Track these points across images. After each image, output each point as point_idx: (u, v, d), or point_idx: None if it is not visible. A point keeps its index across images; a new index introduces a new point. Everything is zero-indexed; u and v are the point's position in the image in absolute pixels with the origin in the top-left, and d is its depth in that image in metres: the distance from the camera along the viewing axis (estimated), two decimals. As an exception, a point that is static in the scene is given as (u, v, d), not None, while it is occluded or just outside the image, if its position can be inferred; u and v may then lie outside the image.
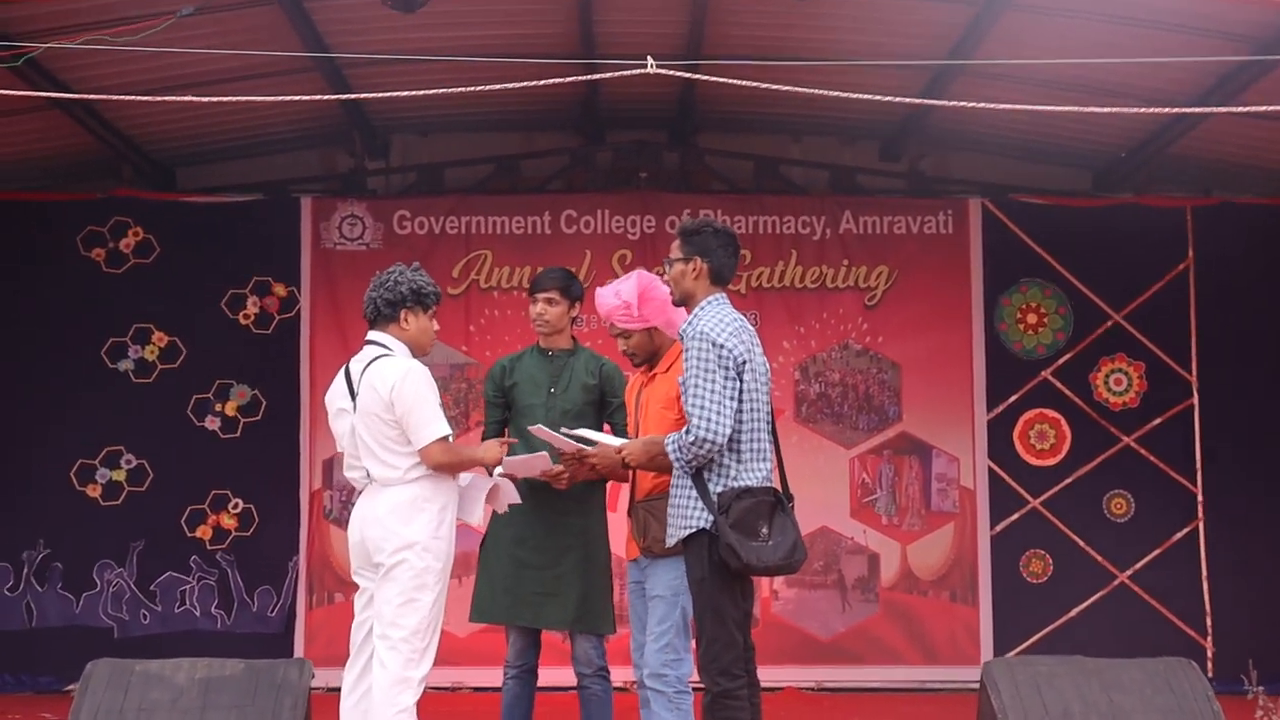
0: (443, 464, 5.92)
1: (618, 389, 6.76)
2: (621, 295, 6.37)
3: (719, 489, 5.64)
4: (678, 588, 6.02)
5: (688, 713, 6.03)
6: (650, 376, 6.39)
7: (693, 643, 6.12)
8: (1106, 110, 8.53)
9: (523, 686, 6.71)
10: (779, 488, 5.79)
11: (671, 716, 5.99)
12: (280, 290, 11.17)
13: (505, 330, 10.96)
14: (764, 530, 5.59)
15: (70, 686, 9.98)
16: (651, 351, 6.43)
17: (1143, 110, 8.72)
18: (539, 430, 6.30)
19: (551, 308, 6.76)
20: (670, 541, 5.82)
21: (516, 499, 6.39)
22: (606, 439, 6.24)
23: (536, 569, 6.58)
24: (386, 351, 6.04)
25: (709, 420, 5.57)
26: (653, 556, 6.15)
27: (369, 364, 5.99)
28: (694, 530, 5.66)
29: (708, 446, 5.59)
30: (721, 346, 5.65)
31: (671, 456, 5.70)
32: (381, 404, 5.88)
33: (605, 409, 6.77)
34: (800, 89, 8.00)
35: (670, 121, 11.41)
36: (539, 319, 6.78)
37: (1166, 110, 8.92)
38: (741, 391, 5.68)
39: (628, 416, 6.54)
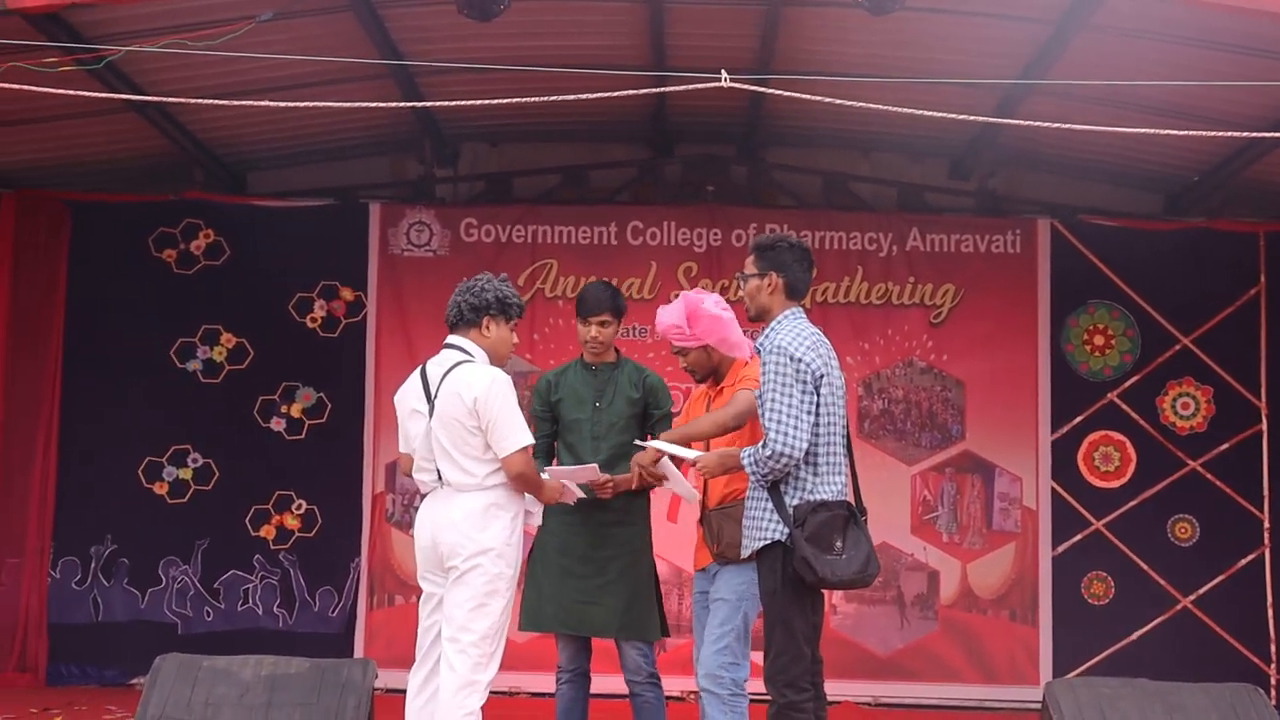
0: (523, 473, 5.96)
1: (661, 401, 6.83)
2: (671, 317, 6.45)
3: (795, 502, 5.66)
4: (743, 593, 6.06)
5: (743, 715, 6.03)
6: (718, 390, 6.43)
7: (751, 651, 6.16)
8: (1179, 133, 8.47)
9: (577, 691, 6.77)
10: (852, 501, 5.82)
11: (726, 719, 6.01)
12: (347, 294, 11.28)
13: (569, 339, 11.01)
14: (838, 544, 5.61)
15: (135, 680, 10.18)
16: (710, 368, 6.47)
17: (1216, 134, 8.69)
18: (651, 443, 6.38)
19: (605, 329, 6.82)
20: (745, 553, 5.85)
21: (581, 494, 6.45)
22: (686, 452, 6.23)
23: (581, 578, 6.66)
24: (467, 357, 6.08)
25: (786, 434, 5.60)
26: (725, 561, 6.16)
27: (451, 369, 6.02)
28: (768, 542, 5.69)
29: (784, 460, 5.61)
30: (799, 360, 5.68)
31: (748, 470, 5.74)
32: (465, 410, 5.91)
33: (648, 420, 6.82)
34: (871, 105, 8.03)
35: (739, 135, 11.44)
36: (594, 342, 6.82)
37: (1241, 134, 8.88)
38: (819, 405, 5.70)
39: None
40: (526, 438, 5.97)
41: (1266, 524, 10.98)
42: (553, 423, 6.91)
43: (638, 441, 6.47)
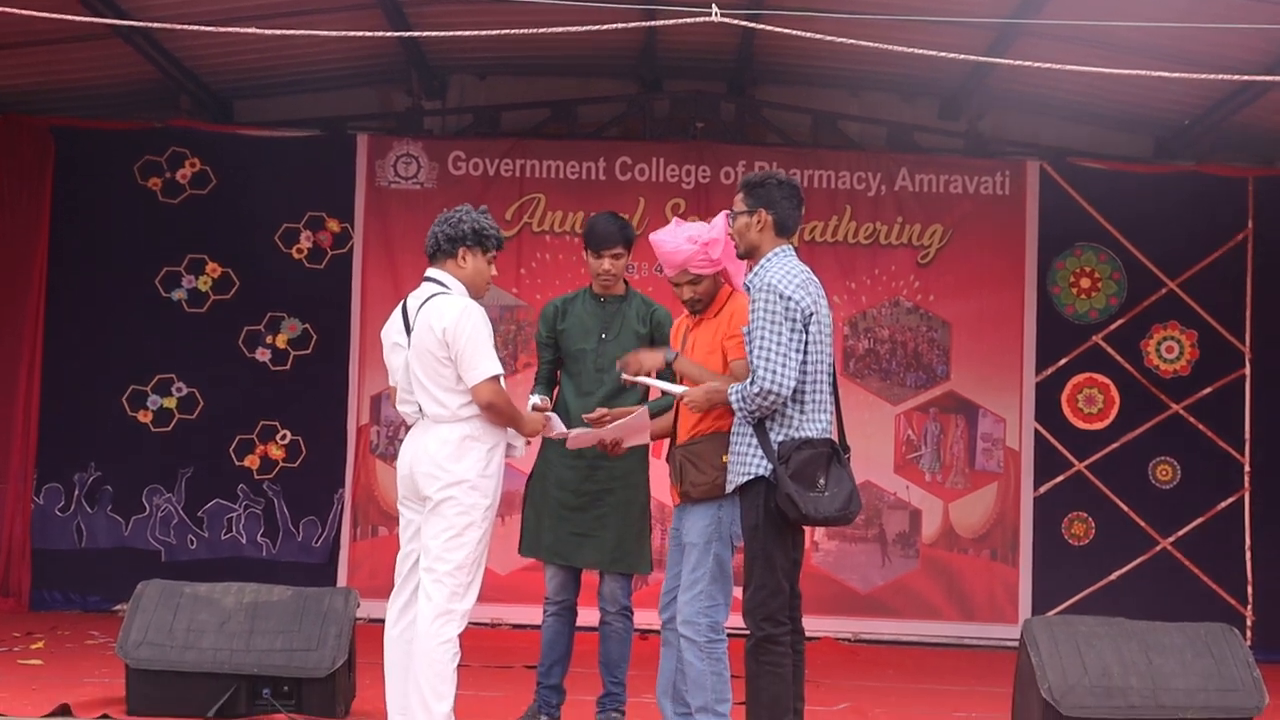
0: (493, 403, 5.92)
1: (666, 335, 6.75)
2: (702, 238, 6.14)
3: (780, 438, 5.66)
4: (710, 535, 5.98)
5: (720, 659, 5.95)
6: (697, 320, 6.33)
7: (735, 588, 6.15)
8: (1170, 75, 8.43)
9: (563, 624, 6.78)
10: (836, 439, 5.81)
11: (702, 665, 5.92)
12: (334, 226, 11.25)
13: (556, 274, 11.01)
14: (821, 481, 5.62)
15: (118, 606, 10.21)
16: (714, 297, 6.29)
17: (1207, 76, 8.64)
18: (640, 380, 6.29)
19: (618, 262, 6.77)
20: (729, 488, 5.83)
21: (565, 429, 6.40)
22: (672, 388, 6.15)
23: (575, 510, 6.68)
24: (444, 289, 6.05)
25: (774, 372, 5.59)
26: (691, 501, 6.09)
27: (426, 300, 6.02)
28: (752, 477, 5.69)
29: (772, 398, 5.60)
30: (789, 299, 5.66)
31: (735, 406, 5.71)
32: (437, 341, 5.90)
33: None
34: (862, 43, 7.98)
35: (728, 72, 11.40)
36: (605, 274, 6.75)
37: (1232, 77, 8.85)
38: (807, 344, 5.69)
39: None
40: (494, 368, 5.92)
41: (1247, 468, 11.05)
42: (555, 350, 6.88)
43: (625, 377, 6.39)
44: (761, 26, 8.91)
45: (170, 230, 11.16)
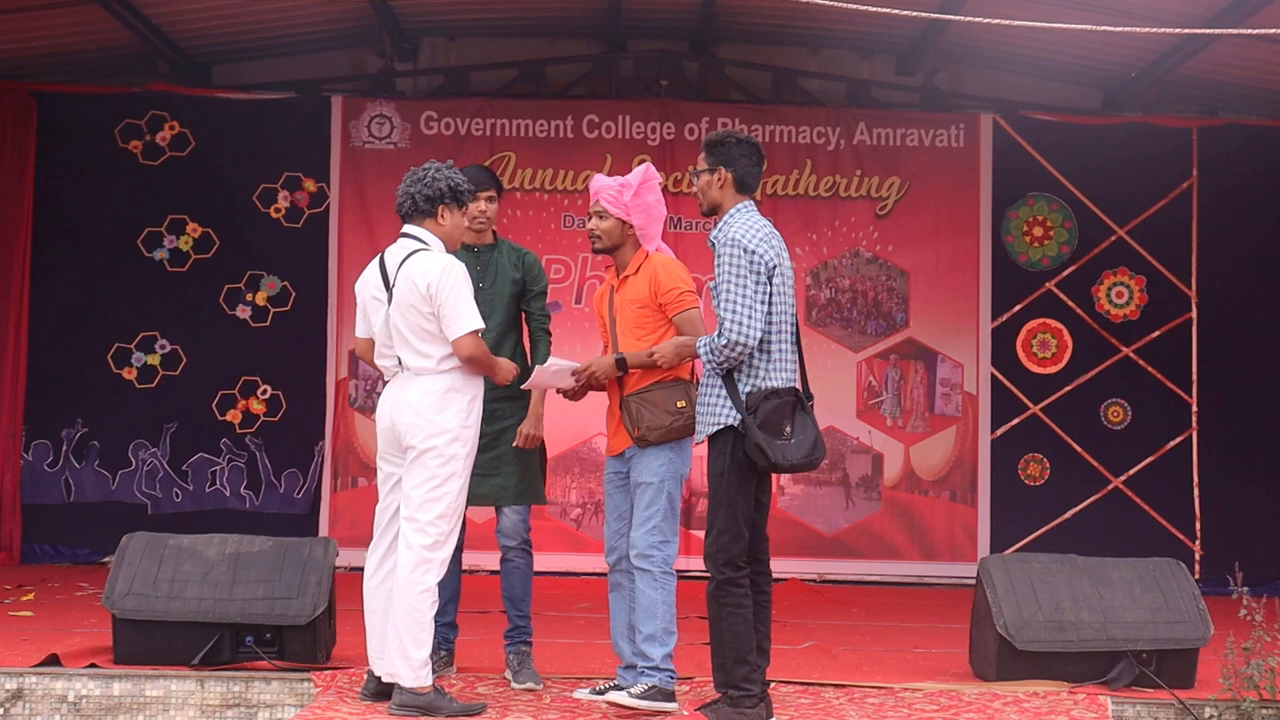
0: (473, 356, 5.91)
1: (538, 277, 6.81)
2: (616, 180, 6.24)
3: (747, 389, 5.67)
4: (664, 474, 6.04)
5: (671, 592, 6.05)
6: (621, 280, 6.29)
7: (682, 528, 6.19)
8: (1117, 30, 8.41)
9: (455, 565, 6.67)
10: (800, 388, 5.81)
11: (656, 595, 6.01)
12: (310, 186, 11.17)
13: (528, 229, 10.98)
14: (787, 429, 5.64)
15: (106, 558, 10.16)
16: (615, 244, 6.27)
17: (1153, 30, 8.61)
18: (541, 371, 6.31)
19: (491, 205, 6.72)
20: (699, 437, 5.86)
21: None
22: (567, 364, 6.25)
23: (478, 452, 6.55)
24: (423, 246, 6.01)
25: (740, 324, 5.59)
26: (645, 445, 6.10)
27: (407, 257, 5.96)
28: (721, 427, 5.70)
29: (739, 349, 5.61)
30: (753, 252, 5.65)
31: (704, 358, 5.73)
32: (420, 296, 5.86)
33: (525, 296, 6.79)
34: (819, 1, 7.91)
35: (691, 32, 11.32)
36: (481, 216, 6.70)
37: (1177, 30, 8.82)
38: (771, 295, 5.69)
39: (601, 322, 6.46)
40: (475, 322, 5.91)
41: (1194, 408, 11.07)
42: None
43: (538, 367, 6.38)
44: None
45: (151, 192, 11.08)
